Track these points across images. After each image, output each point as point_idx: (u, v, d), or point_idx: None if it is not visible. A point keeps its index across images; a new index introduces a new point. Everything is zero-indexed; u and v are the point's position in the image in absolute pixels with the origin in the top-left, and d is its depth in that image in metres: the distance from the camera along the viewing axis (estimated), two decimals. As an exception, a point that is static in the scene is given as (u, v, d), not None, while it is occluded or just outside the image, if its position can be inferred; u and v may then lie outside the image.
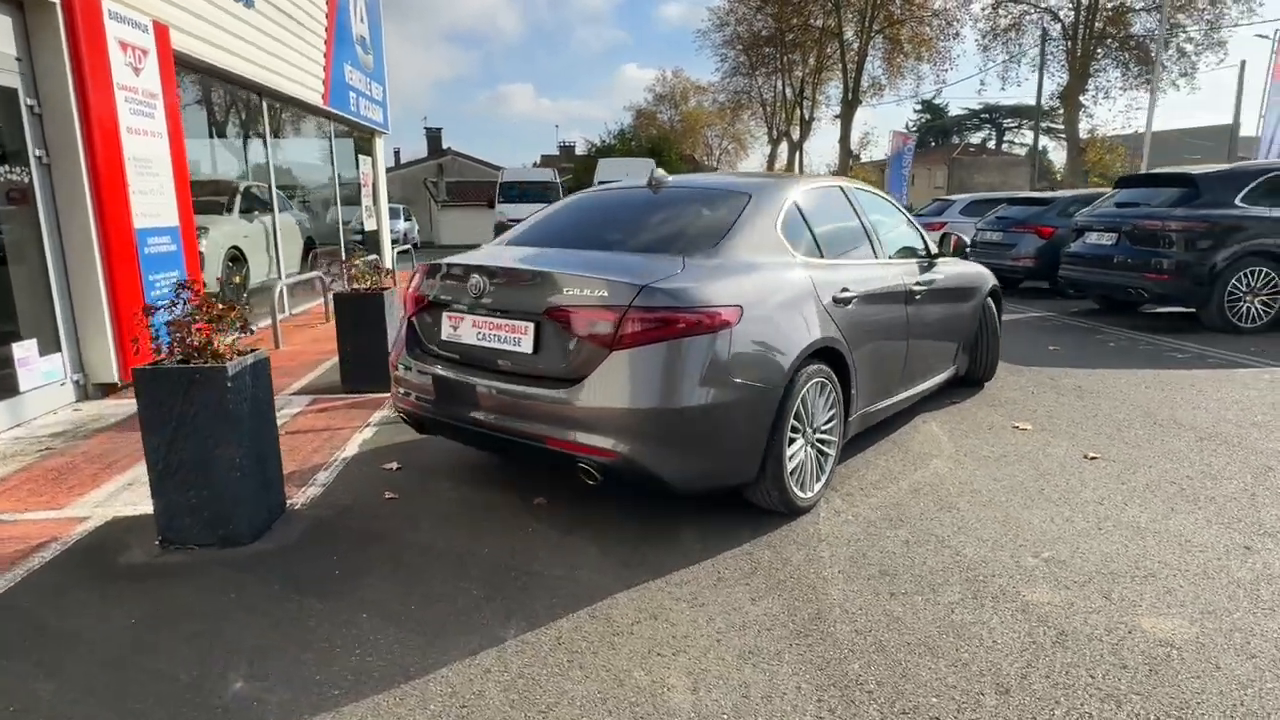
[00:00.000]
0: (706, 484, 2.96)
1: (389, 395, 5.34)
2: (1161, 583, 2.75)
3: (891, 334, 3.98)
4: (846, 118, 36.25)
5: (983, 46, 33.04)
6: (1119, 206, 8.64)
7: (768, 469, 3.07)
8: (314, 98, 9.49)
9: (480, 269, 3.08)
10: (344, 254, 10.66)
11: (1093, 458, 4.08)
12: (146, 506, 3.35)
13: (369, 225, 12.38)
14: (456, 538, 3.15)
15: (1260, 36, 59.88)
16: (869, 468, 3.93)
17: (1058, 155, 52.97)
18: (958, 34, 39.91)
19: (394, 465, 3.97)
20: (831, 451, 3.50)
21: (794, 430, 3.18)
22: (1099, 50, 30.67)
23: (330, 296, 7.10)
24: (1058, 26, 30.77)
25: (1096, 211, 8.84)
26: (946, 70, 59.53)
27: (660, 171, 3.84)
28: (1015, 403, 5.19)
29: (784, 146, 42.44)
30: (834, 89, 42.59)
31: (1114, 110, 38.58)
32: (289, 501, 3.48)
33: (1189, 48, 30.14)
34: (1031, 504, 3.47)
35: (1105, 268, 8.31)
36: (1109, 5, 30.06)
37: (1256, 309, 7.62)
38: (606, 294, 2.80)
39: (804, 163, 40.62)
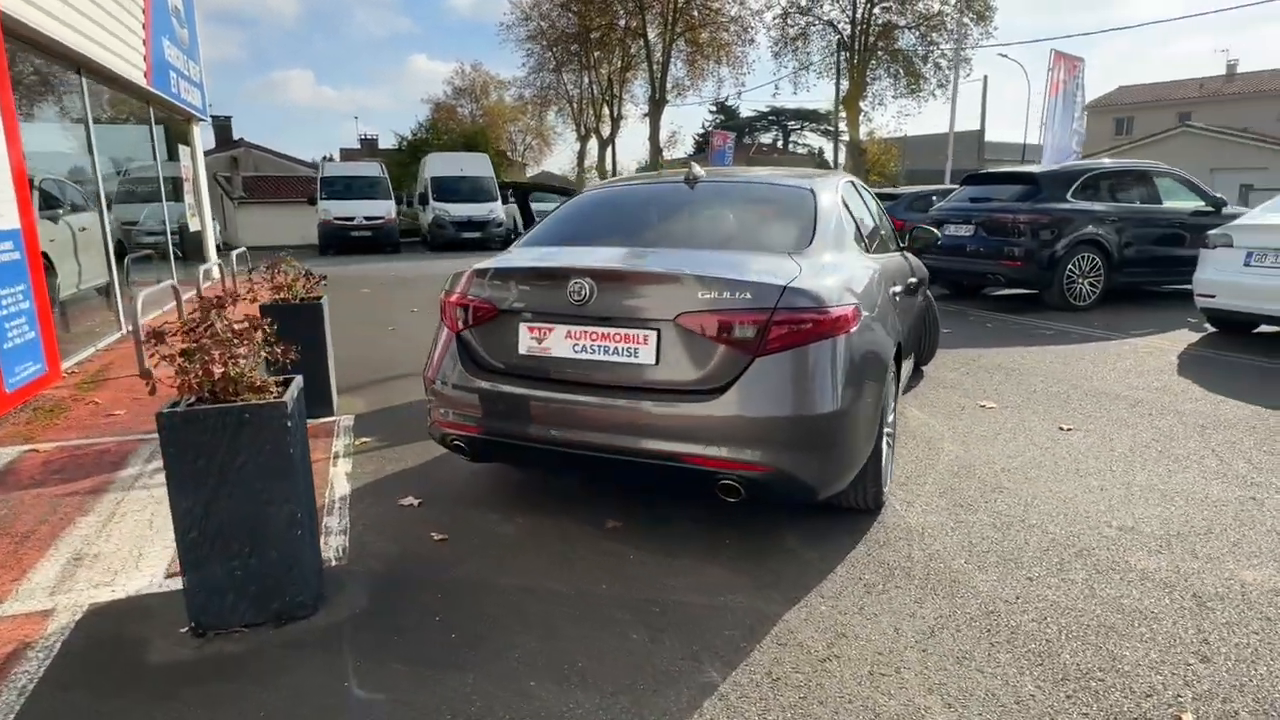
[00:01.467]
0: (839, 488, 2.85)
1: (335, 419, 4.69)
2: (1224, 537, 3.05)
3: (906, 323, 4.10)
4: (655, 116, 37.37)
5: (775, 53, 35.36)
6: (972, 202, 9.60)
7: (869, 467, 3.03)
8: (137, 76, 8.07)
9: (585, 273, 2.73)
10: (172, 257, 9.15)
11: (1068, 429, 4.48)
12: (125, 587, 2.70)
13: (193, 225, 10.78)
14: (558, 576, 2.79)
15: (1002, 55, 69.36)
16: (896, 456, 4.03)
17: (834, 156, 58.54)
18: (753, 40, 42.45)
19: (413, 501, 3.45)
20: (893, 444, 3.53)
21: (881, 426, 3.18)
22: (873, 61, 34.05)
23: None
24: (837, 38, 33.73)
25: (951, 206, 9.78)
26: (745, 74, 63.13)
27: (697, 167, 3.66)
28: (961, 384, 5.58)
29: (593, 143, 42.89)
30: (639, 87, 43.79)
31: (887, 115, 43.28)
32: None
33: (943, 63, 34.28)
34: (1059, 477, 3.72)
35: (964, 256, 9.21)
36: (879, 21, 33.42)
37: (1086, 289, 8.81)
38: (750, 296, 2.60)
39: (616, 160, 41.28)
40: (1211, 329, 7.50)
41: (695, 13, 35.95)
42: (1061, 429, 4.49)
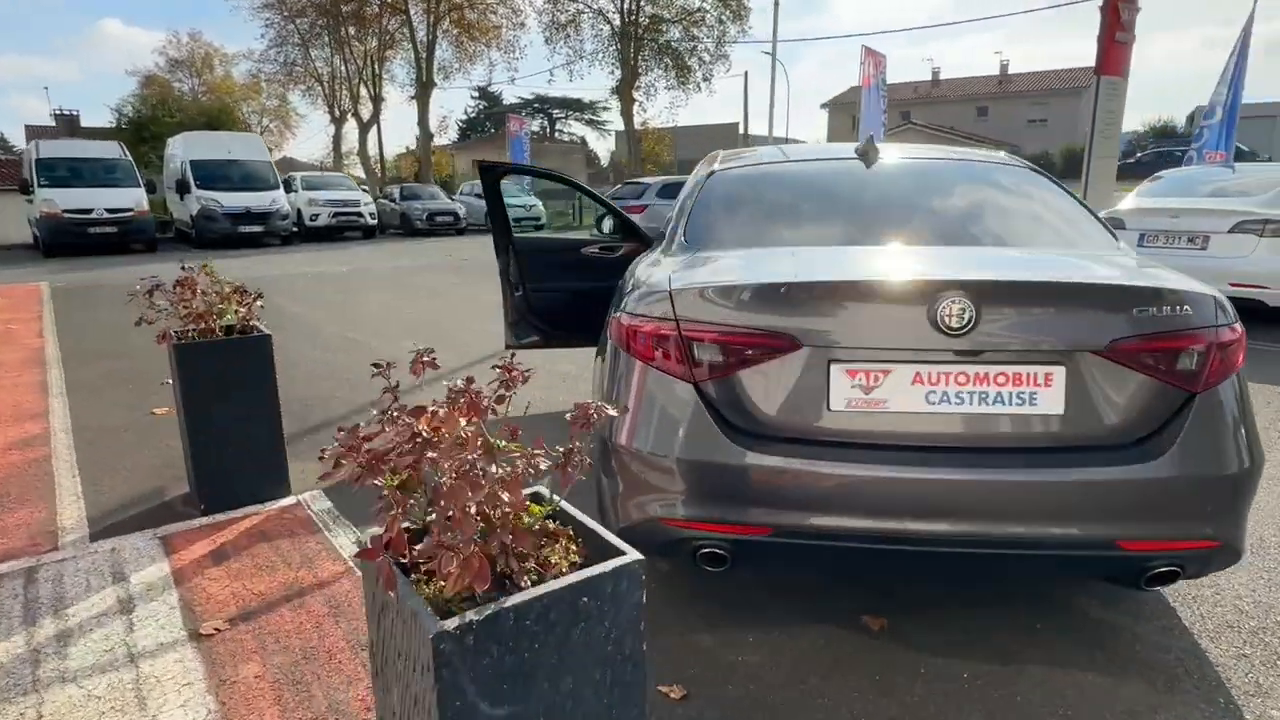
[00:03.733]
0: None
1: (296, 499, 3.25)
2: None
3: None
4: (423, 99, 34.86)
5: (546, 39, 34.62)
6: None
7: None
8: None
9: (960, 286, 1.80)
10: None
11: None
12: None
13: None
14: (873, 702, 1.87)
15: (765, 54, 73.80)
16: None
17: (599, 145, 59.18)
18: (523, 24, 41.26)
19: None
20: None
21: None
22: (644, 52, 34.64)
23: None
24: (608, 28, 33.82)
25: None
26: (518, 59, 61.35)
27: (873, 142, 2.83)
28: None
29: (351, 126, 39.14)
30: (399, 67, 40.64)
31: (659, 106, 44.13)
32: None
33: (706, 56, 35.81)
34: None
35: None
36: (647, 14, 34.00)
37: None
38: (1190, 311, 1.86)
39: (382, 144, 38.05)
40: None
41: (460, -9, 34.00)
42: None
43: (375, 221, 19.32)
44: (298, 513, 3.16)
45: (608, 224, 5.03)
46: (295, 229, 17.19)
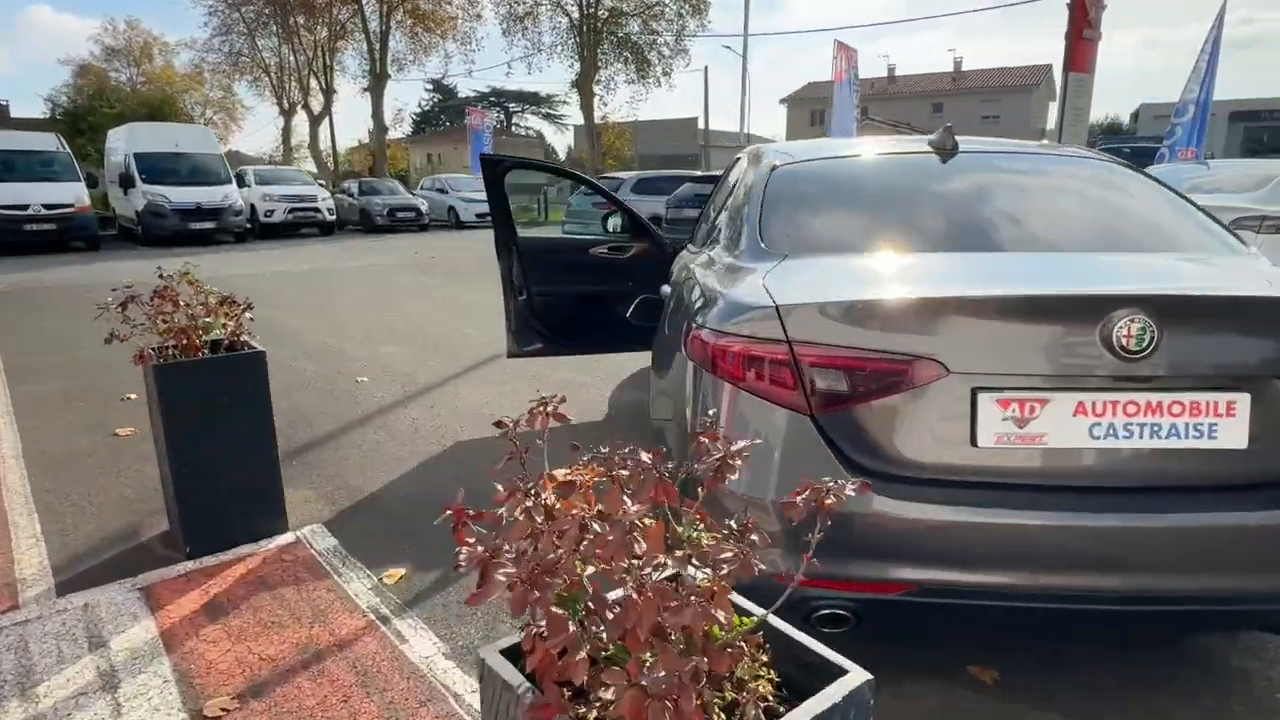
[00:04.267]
0: None
1: (295, 536, 2.88)
2: None
3: None
4: (377, 91, 33.88)
5: (504, 30, 33.93)
6: None
7: None
8: None
9: (1137, 303, 1.54)
10: None
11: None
12: None
13: None
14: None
15: (726, 48, 72.97)
16: None
17: (557, 140, 58.46)
18: (480, 15, 40.43)
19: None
20: None
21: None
22: (603, 46, 34.21)
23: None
24: (566, 20, 33.30)
25: None
26: (474, 51, 60.07)
27: (951, 134, 2.55)
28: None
29: (301, 119, 37.89)
30: (350, 58, 39.48)
31: (619, 101, 43.30)
32: None
33: (665, 51, 35.56)
34: None
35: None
36: (606, 6, 33.56)
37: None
38: None
39: (335, 138, 36.91)
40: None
41: (414, -20, 33.09)
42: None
43: (334, 218, 18.58)
44: (299, 552, 2.79)
45: (613, 222, 4.71)
46: (249, 226, 16.40)
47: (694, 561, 0.87)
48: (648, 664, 0.80)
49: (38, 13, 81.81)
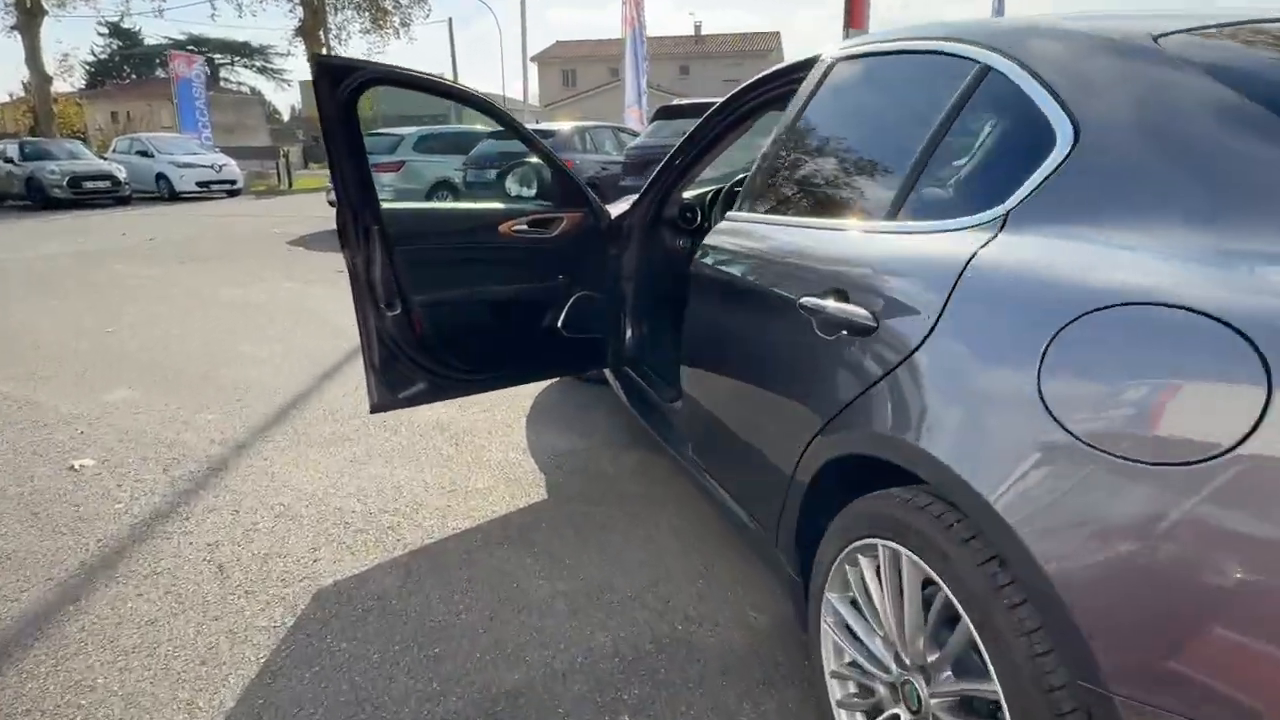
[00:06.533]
0: None
1: None
2: None
3: None
4: (30, 30, 26.85)
5: (205, -38, 28.55)
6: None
7: None
8: None
9: None
10: None
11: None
12: None
13: None
14: None
15: (482, 2, 67.23)
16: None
17: (278, 97, 51.28)
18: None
19: None
20: None
21: None
22: (333, -11, 30.26)
23: None
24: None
25: (664, 144, 8.40)
26: None
27: None
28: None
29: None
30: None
31: (353, 54, 37.88)
32: None
33: (404, 1, 32.43)
34: None
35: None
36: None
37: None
38: None
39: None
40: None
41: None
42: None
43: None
44: None
45: (517, 179, 3.09)
46: None
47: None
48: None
49: None
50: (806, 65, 2.05)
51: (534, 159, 3.00)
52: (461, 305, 2.69)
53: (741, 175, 3.08)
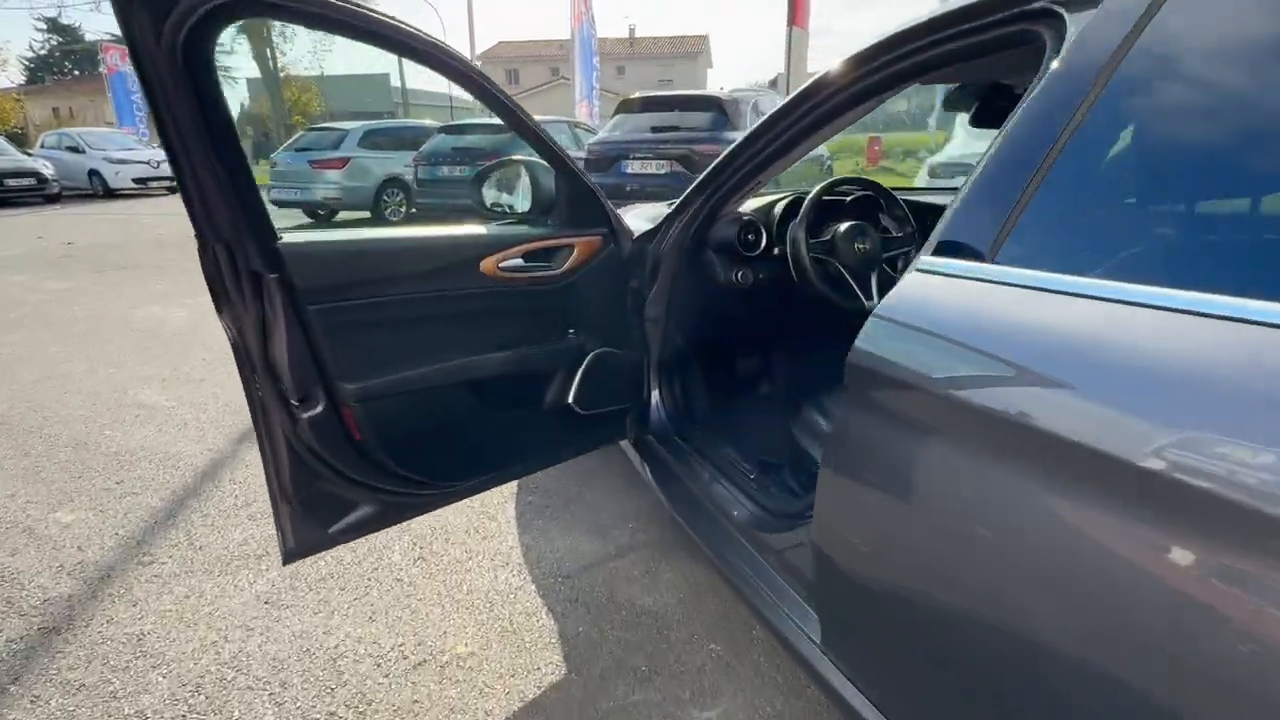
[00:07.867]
0: None
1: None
2: None
3: None
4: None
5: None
6: (655, 132, 7.56)
7: None
8: None
9: None
10: None
11: None
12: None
13: None
14: None
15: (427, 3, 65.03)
16: None
17: (227, 94, 49.14)
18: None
19: None
20: None
21: None
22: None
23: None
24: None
25: (630, 139, 7.59)
26: None
27: None
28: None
29: None
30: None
31: (299, 51, 35.71)
32: None
33: None
34: None
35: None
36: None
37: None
38: None
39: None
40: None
41: None
42: None
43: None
44: None
45: (496, 186, 2.12)
46: None
47: None
48: None
49: None
50: None
51: (521, 155, 2.03)
52: (423, 389, 1.71)
53: (831, 180, 2.15)
